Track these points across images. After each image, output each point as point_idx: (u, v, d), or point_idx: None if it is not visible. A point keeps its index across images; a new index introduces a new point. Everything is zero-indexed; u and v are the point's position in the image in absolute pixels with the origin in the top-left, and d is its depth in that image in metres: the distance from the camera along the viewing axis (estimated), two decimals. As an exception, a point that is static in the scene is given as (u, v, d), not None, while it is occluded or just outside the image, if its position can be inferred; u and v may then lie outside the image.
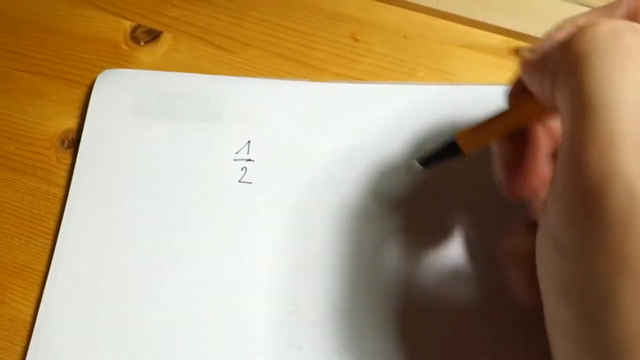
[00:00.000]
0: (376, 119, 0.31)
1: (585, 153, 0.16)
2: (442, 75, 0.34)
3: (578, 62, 0.17)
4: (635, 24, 0.18)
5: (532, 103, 0.21)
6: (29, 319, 0.26)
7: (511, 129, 0.24)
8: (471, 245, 0.28)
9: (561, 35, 0.20)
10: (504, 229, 0.24)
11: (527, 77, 0.21)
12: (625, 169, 0.15)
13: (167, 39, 0.35)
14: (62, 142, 0.31)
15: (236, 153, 0.30)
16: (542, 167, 0.24)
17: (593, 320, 0.16)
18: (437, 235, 0.28)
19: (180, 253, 0.28)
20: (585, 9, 0.35)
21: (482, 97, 0.32)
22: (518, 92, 0.23)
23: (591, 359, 0.16)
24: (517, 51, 0.35)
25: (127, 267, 0.27)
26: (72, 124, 0.32)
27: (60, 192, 0.30)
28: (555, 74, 0.18)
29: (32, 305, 0.27)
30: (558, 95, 0.18)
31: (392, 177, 0.30)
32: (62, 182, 0.30)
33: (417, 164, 0.27)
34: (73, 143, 0.31)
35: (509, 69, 0.34)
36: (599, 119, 0.16)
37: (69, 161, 0.30)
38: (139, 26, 0.35)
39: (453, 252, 0.28)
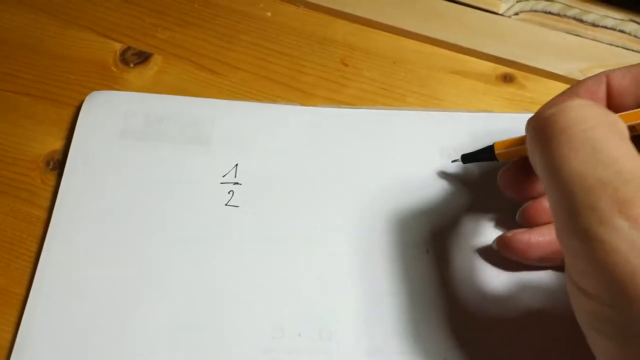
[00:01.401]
0: (364, 143, 0.31)
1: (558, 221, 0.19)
2: (431, 100, 0.34)
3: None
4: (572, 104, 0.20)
5: None
6: (6, 344, 0.26)
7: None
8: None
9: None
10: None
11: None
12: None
13: (156, 61, 0.35)
14: (47, 164, 0.31)
15: (223, 176, 0.30)
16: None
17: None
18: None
19: (165, 276, 0.27)
20: (573, 38, 0.36)
21: (470, 122, 0.32)
22: None
23: None
24: (505, 78, 0.35)
25: (109, 291, 0.27)
26: (58, 145, 0.31)
27: (43, 214, 0.29)
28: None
29: (11, 329, 0.26)
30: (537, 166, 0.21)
31: (380, 201, 0.29)
32: (46, 204, 0.29)
33: (459, 160, 0.30)
34: (58, 164, 0.30)
35: (497, 95, 0.34)
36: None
37: (53, 182, 0.30)
38: (129, 48, 0.35)
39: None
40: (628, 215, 0.16)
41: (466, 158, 0.29)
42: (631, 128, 0.22)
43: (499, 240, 0.27)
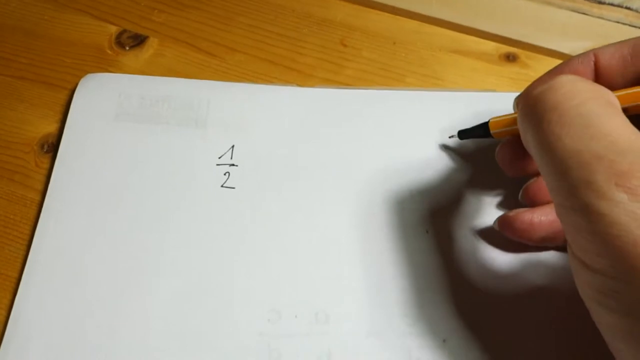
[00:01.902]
0: (363, 124, 0.31)
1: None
2: (431, 80, 0.33)
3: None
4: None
5: None
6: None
7: None
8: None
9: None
10: None
11: None
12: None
13: (152, 43, 0.34)
14: (42, 147, 0.30)
15: (219, 158, 0.29)
16: None
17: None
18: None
19: (160, 259, 0.27)
20: (579, 16, 0.35)
21: (471, 102, 0.31)
22: None
23: None
24: (508, 57, 0.34)
25: (103, 273, 0.26)
26: (52, 128, 0.31)
27: (37, 197, 0.29)
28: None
29: (4, 312, 0.26)
30: (529, 145, 0.21)
31: (379, 181, 0.29)
32: (40, 186, 0.29)
33: (456, 136, 0.29)
34: (53, 147, 0.30)
35: (500, 75, 0.34)
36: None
37: (47, 165, 0.30)
38: (124, 31, 0.34)
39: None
40: (626, 187, 0.16)
41: (463, 134, 0.29)
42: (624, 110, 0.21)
43: (500, 220, 0.26)
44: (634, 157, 0.17)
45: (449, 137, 0.30)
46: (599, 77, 0.24)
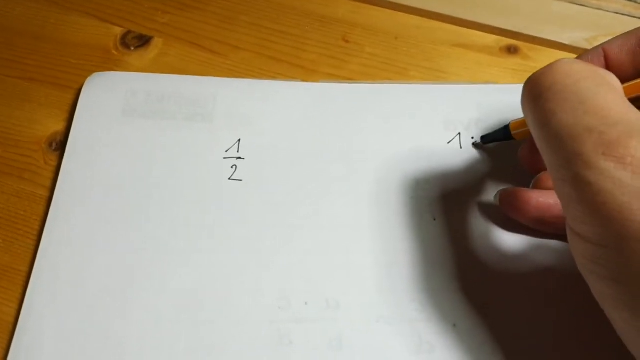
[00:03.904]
0: (367, 117, 0.31)
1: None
2: (435, 74, 0.34)
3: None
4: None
5: None
6: (11, 319, 0.26)
7: None
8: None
9: None
10: None
11: None
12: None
13: (157, 44, 0.35)
14: (50, 145, 0.31)
15: (226, 151, 0.29)
16: None
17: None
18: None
19: (169, 251, 0.27)
20: (578, 7, 0.35)
21: (475, 94, 0.32)
22: None
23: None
24: (509, 49, 0.35)
25: (112, 267, 0.26)
26: (60, 127, 0.31)
27: (46, 194, 0.29)
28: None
29: (15, 306, 0.26)
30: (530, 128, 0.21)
31: (385, 172, 0.29)
32: (49, 183, 0.29)
33: (479, 142, 0.30)
34: (61, 145, 0.30)
35: (502, 67, 0.34)
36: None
37: (55, 163, 0.30)
38: (129, 32, 0.35)
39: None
40: (612, 157, 0.17)
41: (485, 139, 0.29)
42: (634, 100, 0.22)
43: (501, 193, 0.27)
44: (623, 127, 0.17)
45: (473, 145, 0.30)
46: (610, 70, 0.24)
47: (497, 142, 0.29)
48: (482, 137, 0.30)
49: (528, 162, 0.27)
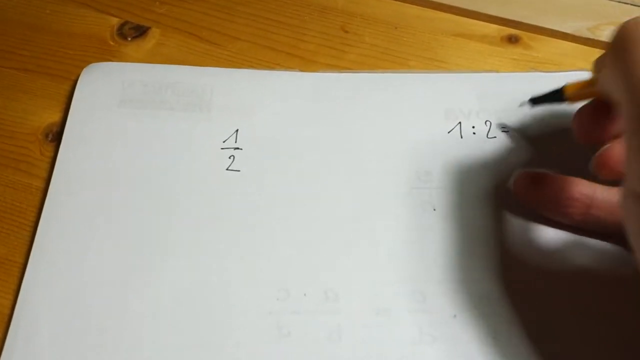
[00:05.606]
0: (367, 106, 0.30)
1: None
2: (435, 63, 0.33)
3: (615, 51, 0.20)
4: None
5: None
6: (7, 311, 0.25)
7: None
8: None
9: None
10: None
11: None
12: None
13: (154, 34, 0.34)
14: (46, 136, 0.30)
15: (224, 142, 0.29)
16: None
17: None
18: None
19: (166, 242, 0.27)
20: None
21: (476, 83, 0.31)
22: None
23: None
24: (510, 39, 0.34)
25: (108, 258, 0.26)
26: (56, 117, 0.31)
27: (42, 185, 0.29)
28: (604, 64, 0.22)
29: (11, 297, 0.26)
30: (611, 79, 0.21)
31: (384, 162, 0.29)
32: (45, 174, 0.29)
33: (528, 103, 0.29)
34: (57, 136, 0.30)
35: (503, 56, 0.34)
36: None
37: (51, 154, 0.30)
38: (126, 22, 0.35)
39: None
40: None
41: (534, 101, 0.28)
42: None
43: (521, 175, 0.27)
44: None
45: (519, 106, 0.29)
46: None
47: (546, 104, 0.28)
48: (532, 99, 0.28)
49: (584, 127, 0.26)
